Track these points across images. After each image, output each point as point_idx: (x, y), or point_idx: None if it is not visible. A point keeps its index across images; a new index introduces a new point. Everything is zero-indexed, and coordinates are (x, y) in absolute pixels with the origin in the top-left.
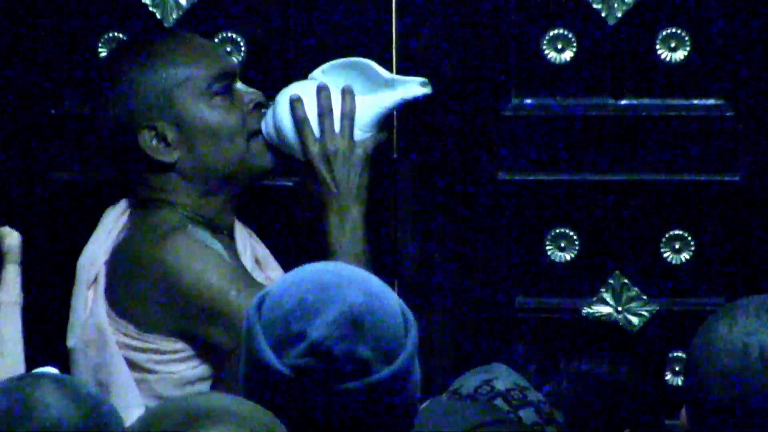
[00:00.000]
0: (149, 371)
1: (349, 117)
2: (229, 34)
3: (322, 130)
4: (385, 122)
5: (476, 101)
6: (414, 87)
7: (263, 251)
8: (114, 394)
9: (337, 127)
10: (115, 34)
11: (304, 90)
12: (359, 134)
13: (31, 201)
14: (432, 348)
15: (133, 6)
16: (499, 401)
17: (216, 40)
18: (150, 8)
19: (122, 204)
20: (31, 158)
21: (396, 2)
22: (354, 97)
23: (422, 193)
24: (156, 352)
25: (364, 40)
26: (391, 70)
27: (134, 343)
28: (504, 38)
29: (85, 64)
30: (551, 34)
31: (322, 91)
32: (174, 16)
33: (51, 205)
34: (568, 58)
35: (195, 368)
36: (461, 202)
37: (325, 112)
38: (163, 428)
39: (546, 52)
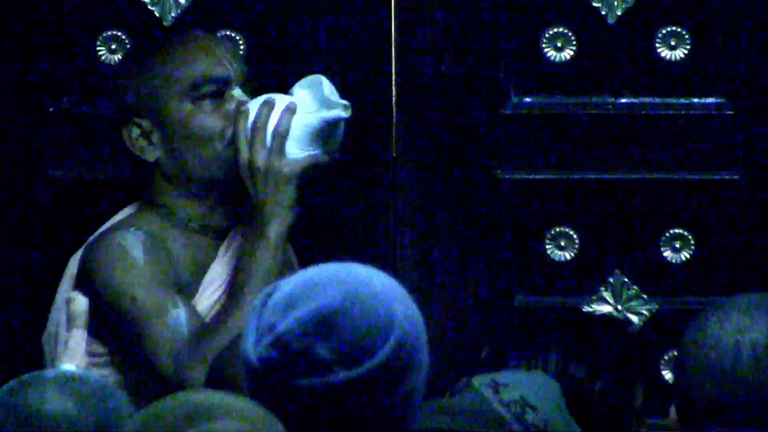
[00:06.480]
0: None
1: (280, 134)
2: (229, 33)
3: (252, 145)
4: (328, 141)
5: (476, 100)
6: (335, 110)
7: None
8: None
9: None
10: (114, 32)
11: (267, 102)
12: (295, 152)
13: (29, 199)
14: (431, 347)
15: (131, 4)
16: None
17: None
18: (149, 6)
19: (136, 203)
20: (30, 156)
21: (396, 2)
22: (292, 113)
23: (422, 192)
24: (89, 353)
25: (364, 40)
26: (390, 70)
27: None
28: (503, 37)
29: (84, 61)
30: (551, 32)
31: (265, 105)
32: (173, 15)
33: (49, 204)
34: (568, 57)
35: (106, 377)
36: (461, 201)
37: (258, 126)
38: (164, 425)
39: (545, 50)
